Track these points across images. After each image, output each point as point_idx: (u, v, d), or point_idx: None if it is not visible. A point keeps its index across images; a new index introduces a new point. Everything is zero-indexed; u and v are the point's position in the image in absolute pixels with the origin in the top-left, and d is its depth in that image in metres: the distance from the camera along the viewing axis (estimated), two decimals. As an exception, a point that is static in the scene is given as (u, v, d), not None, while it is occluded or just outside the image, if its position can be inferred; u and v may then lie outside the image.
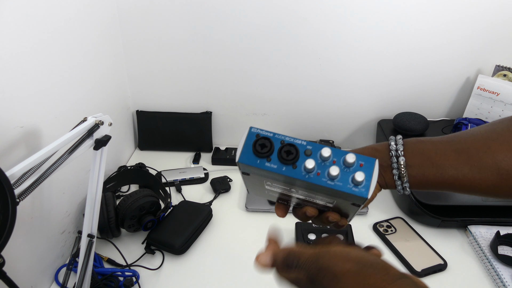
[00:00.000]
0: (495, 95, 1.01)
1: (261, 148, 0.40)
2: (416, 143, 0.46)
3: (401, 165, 0.44)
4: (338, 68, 1.08)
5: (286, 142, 0.40)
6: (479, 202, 0.85)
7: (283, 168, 0.40)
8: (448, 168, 0.43)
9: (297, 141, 0.40)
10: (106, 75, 0.98)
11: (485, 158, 0.41)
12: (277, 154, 0.40)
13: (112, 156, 1.05)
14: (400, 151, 0.45)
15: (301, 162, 0.39)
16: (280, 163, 0.40)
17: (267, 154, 0.40)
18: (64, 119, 0.75)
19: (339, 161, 0.39)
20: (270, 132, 0.41)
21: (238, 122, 1.20)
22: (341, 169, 0.39)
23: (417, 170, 0.44)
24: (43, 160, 0.49)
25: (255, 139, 0.40)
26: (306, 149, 0.40)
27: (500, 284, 0.73)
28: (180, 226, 0.84)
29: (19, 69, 0.63)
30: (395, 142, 0.46)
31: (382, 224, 0.89)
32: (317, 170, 0.39)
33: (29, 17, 0.65)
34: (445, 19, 1.00)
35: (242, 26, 1.02)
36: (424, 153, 0.44)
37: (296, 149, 0.40)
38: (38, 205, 0.69)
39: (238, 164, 0.41)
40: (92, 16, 0.87)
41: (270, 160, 0.40)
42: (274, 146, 0.40)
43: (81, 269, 0.63)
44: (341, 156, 0.39)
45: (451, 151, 0.43)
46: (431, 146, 0.44)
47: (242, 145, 0.41)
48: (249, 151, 0.40)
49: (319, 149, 0.39)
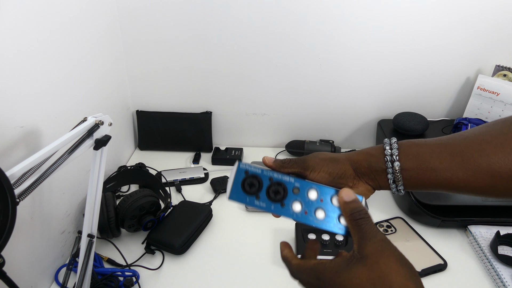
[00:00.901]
0: (495, 95, 1.01)
1: (250, 187, 0.41)
2: (411, 146, 0.46)
3: (396, 170, 0.45)
4: (338, 68, 1.08)
5: (274, 180, 0.41)
6: (479, 202, 0.85)
7: (272, 206, 0.41)
8: (443, 171, 0.43)
9: (285, 178, 0.41)
10: (106, 75, 0.98)
11: (479, 160, 0.42)
12: (266, 192, 0.41)
13: (112, 156, 1.05)
14: (395, 155, 0.45)
15: (289, 201, 0.41)
16: (268, 201, 0.41)
17: (256, 193, 0.41)
18: (64, 119, 0.75)
19: (326, 200, 0.41)
20: (258, 168, 0.42)
21: (238, 122, 1.20)
22: (327, 210, 0.40)
23: (411, 173, 0.45)
24: (43, 160, 0.49)
25: (244, 176, 0.42)
26: (294, 187, 0.41)
27: (500, 284, 0.73)
28: (180, 226, 0.84)
29: (19, 69, 0.63)
30: (390, 146, 0.46)
31: (382, 224, 0.89)
32: (305, 209, 0.41)
33: (29, 17, 0.65)
34: (445, 19, 1.00)
35: (242, 26, 1.02)
36: (419, 156, 0.45)
37: (284, 188, 0.41)
38: (38, 205, 0.69)
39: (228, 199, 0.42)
40: (92, 16, 0.87)
41: (259, 198, 0.41)
42: (263, 183, 0.41)
43: (81, 269, 0.63)
44: (328, 195, 0.41)
45: (446, 154, 0.43)
46: (426, 149, 0.45)
47: (232, 183, 0.42)
48: (238, 189, 0.42)
49: (307, 187, 0.41)
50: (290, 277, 0.42)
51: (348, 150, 1.21)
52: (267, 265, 0.80)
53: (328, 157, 0.48)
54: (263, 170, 0.41)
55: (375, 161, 0.46)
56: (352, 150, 1.21)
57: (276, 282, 0.76)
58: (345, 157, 0.48)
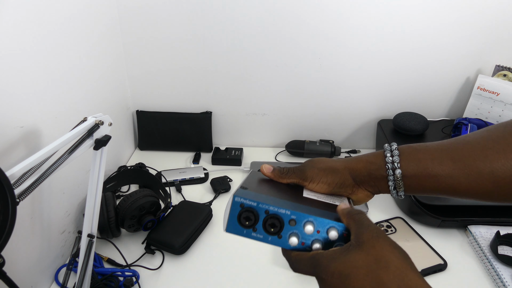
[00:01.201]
0: (495, 95, 1.01)
1: (246, 221, 0.41)
2: (412, 152, 0.46)
3: (397, 178, 0.45)
4: (338, 68, 1.08)
5: (270, 213, 0.41)
6: (479, 202, 0.85)
7: (269, 238, 0.41)
8: (445, 177, 0.43)
9: (281, 210, 0.41)
10: (106, 75, 0.98)
11: (482, 166, 0.42)
12: (262, 225, 0.41)
13: (112, 156, 1.05)
14: (397, 163, 0.45)
15: (286, 233, 0.41)
16: (265, 233, 0.41)
17: (252, 226, 0.41)
18: (64, 119, 0.75)
19: (323, 232, 0.41)
20: (254, 201, 0.41)
21: (238, 122, 1.20)
22: (323, 242, 0.40)
23: (413, 180, 0.45)
24: (43, 160, 0.49)
25: (239, 209, 0.42)
26: (290, 219, 0.41)
27: (500, 284, 0.73)
28: (180, 226, 0.84)
29: (19, 69, 0.63)
30: (391, 153, 0.46)
31: (382, 224, 0.89)
32: (302, 240, 0.41)
33: (29, 17, 0.65)
34: (445, 19, 1.00)
35: (242, 26, 1.03)
36: (420, 162, 0.45)
37: (280, 221, 0.41)
38: (38, 205, 0.69)
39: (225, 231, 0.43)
40: (92, 16, 0.87)
41: (256, 231, 0.42)
42: (259, 216, 0.41)
43: (81, 269, 0.63)
44: (325, 227, 0.40)
45: (448, 160, 0.44)
46: (427, 155, 0.45)
47: (228, 216, 0.42)
48: (234, 222, 0.42)
49: (304, 220, 0.41)
50: (290, 269, 0.43)
51: (348, 150, 1.21)
52: (267, 265, 0.80)
53: (327, 167, 0.48)
54: (258, 202, 0.41)
55: (375, 169, 0.46)
56: (352, 150, 1.21)
57: (276, 282, 0.76)
58: (343, 166, 0.48)
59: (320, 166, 0.48)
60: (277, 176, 0.50)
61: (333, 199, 0.49)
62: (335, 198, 0.49)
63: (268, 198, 0.43)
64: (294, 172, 0.49)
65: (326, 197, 0.49)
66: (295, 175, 0.49)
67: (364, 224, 0.38)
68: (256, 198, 0.42)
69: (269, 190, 0.47)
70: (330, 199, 0.48)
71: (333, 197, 0.50)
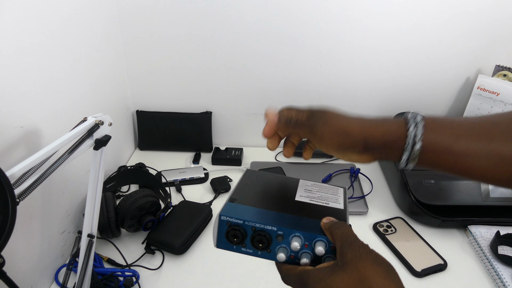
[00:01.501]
0: (495, 95, 1.01)
1: (234, 238, 0.42)
2: (437, 127, 0.43)
3: (414, 152, 0.42)
4: (338, 68, 1.08)
5: (257, 230, 0.41)
6: (479, 202, 0.85)
7: (258, 253, 0.42)
8: (464, 157, 0.41)
9: (268, 227, 0.41)
10: (106, 75, 0.98)
11: (505, 151, 0.40)
12: (250, 241, 0.42)
13: (112, 156, 1.05)
14: (419, 137, 0.42)
15: (274, 248, 0.42)
16: (254, 249, 0.42)
17: (241, 242, 0.42)
18: (64, 119, 0.75)
19: (310, 245, 0.41)
20: (240, 219, 0.42)
21: (238, 122, 1.20)
22: (312, 256, 0.41)
23: (429, 155, 0.42)
24: (43, 160, 0.49)
25: (226, 228, 0.42)
26: (277, 234, 0.41)
27: (500, 284, 0.73)
28: (180, 226, 0.84)
29: (19, 69, 0.63)
30: (415, 125, 0.42)
31: (382, 224, 0.89)
32: (291, 254, 0.42)
33: (29, 16, 0.65)
34: (445, 19, 1.00)
35: (243, 26, 1.03)
36: (443, 140, 0.42)
37: (267, 237, 0.41)
38: (38, 205, 0.69)
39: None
40: (92, 16, 0.87)
41: (245, 246, 0.42)
42: (246, 233, 0.42)
43: (81, 269, 0.63)
44: (312, 241, 0.41)
45: (472, 139, 0.41)
46: (452, 131, 0.42)
47: (216, 234, 0.43)
48: (223, 239, 0.43)
49: (291, 235, 0.41)
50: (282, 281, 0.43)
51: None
52: (266, 265, 0.79)
53: (341, 130, 0.44)
54: (244, 220, 0.41)
55: (392, 140, 0.43)
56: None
57: (276, 282, 0.76)
58: (359, 131, 0.44)
59: (334, 127, 0.44)
60: (282, 128, 0.47)
61: (327, 198, 0.48)
62: (329, 195, 0.49)
63: (255, 212, 0.43)
64: (304, 125, 0.45)
65: (321, 196, 0.49)
66: (304, 129, 0.45)
67: (347, 241, 0.38)
68: (243, 214, 0.42)
69: (260, 198, 0.47)
70: (325, 199, 0.48)
71: (328, 193, 0.49)
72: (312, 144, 0.51)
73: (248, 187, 0.50)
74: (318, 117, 0.45)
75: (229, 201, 0.45)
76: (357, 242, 0.38)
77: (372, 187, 1.02)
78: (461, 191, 0.86)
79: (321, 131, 0.44)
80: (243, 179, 0.52)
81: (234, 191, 0.48)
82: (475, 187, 0.86)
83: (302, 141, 0.53)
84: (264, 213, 0.43)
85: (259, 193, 0.49)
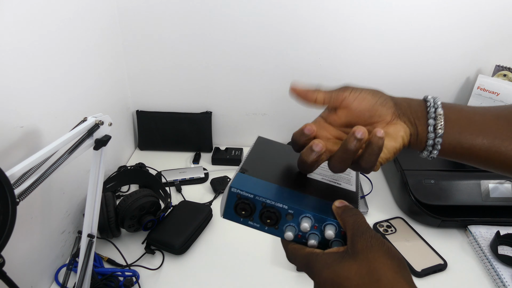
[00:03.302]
0: (495, 95, 1.01)
1: (242, 211, 0.41)
2: (452, 103, 0.44)
3: (439, 115, 0.42)
4: (338, 68, 1.08)
5: (267, 206, 0.40)
6: (479, 202, 0.85)
7: (265, 228, 0.41)
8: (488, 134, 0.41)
9: (279, 204, 0.40)
10: (106, 75, 0.98)
11: None
12: (259, 216, 0.41)
13: (112, 156, 1.05)
14: (439, 104, 0.42)
15: (283, 225, 0.41)
16: (262, 224, 0.41)
17: (248, 216, 0.41)
18: (64, 119, 0.75)
19: (320, 228, 0.40)
20: (250, 193, 0.40)
21: (238, 122, 1.20)
22: (320, 238, 0.40)
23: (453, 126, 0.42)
24: (43, 160, 0.49)
25: (236, 200, 0.41)
26: (287, 213, 0.40)
27: (500, 284, 0.73)
28: (180, 226, 0.84)
29: (19, 69, 0.63)
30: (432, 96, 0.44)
31: (382, 224, 0.89)
32: (298, 233, 0.40)
33: (29, 16, 0.65)
34: (445, 19, 1.00)
35: (242, 25, 1.02)
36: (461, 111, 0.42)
37: (277, 214, 0.40)
38: (38, 205, 0.69)
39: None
40: (92, 15, 0.87)
41: (253, 220, 0.41)
42: (255, 208, 0.41)
43: (81, 269, 0.63)
44: (322, 223, 0.40)
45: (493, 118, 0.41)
46: (471, 108, 0.42)
47: (224, 204, 0.41)
48: (231, 211, 0.41)
49: (301, 215, 0.40)
50: (290, 269, 0.42)
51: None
52: (267, 265, 0.80)
53: (371, 88, 0.45)
54: (255, 194, 0.40)
55: (416, 104, 0.44)
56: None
57: (276, 282, 0.76)
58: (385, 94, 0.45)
59: (365, 88, 0.46)
60: (310, 93, 0.47)
61: (340, 178, 0.46)
62: (342, 174, 0.47)
63: (267, 187, 0.42)
64: (333, 89, 0.46)
65: (333, 175, 0.46)
66: (333, 90, 0.46)
67: (359, 229, 0.37)
68: (254, 188, 0.41)
69: (271, 171, 0.45)
70: (337, 178, 0.46)
71: (341, 175, 0.47)
72: None
73: (260, 157, 0.48)
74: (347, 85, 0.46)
75: (240, 172, 0.43)
76: (369, 232, 0.37)
77: (372, 187, 1.02)
78: (461, 191, 0.86)
79: (349, 88, 0.46)
80: (254, 147, 0.50)
81: (245, 161, 0.46)
82: (475, 187, 0.86)
83: None
84: (275, 188, 0.42)
85: (271, 165, 0.47)
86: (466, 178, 0.88)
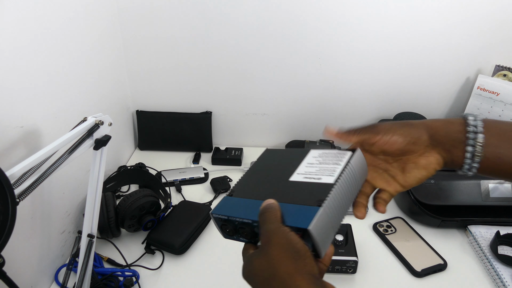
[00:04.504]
0: (495, 95, 1.01)
1: (227, 229, 0.45)
2: (495, 122, 0.43)
3: (478, 143, 0.41)
4: (338, 68, 1.08)
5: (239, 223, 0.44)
6: (479, 202, 0.85)
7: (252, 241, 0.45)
8: None
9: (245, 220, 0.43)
10: (106, 75, 0.98)
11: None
12: (240, 233, 0.44)
13: (112, 156, 1.05)
14: (480, 126, 0.41)
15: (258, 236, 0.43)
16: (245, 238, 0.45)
17: (234, 234, 0.45)
18: (64, 119, 0.75)
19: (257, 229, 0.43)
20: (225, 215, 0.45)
21: (238, 122, 1.20)
22: None
23: (493, 150, 0.41)
24: (43, 160, 0.49)
25: (220, 222, 0.45)
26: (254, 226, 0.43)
27: (500, 284, 0.73)
28: (180, 226, 0.84)
29: (19, 69, 0.63)
30: (474, 117, 0.43)
31: (382, 224, 0.89)
32: None
33: (29, 16, 0.65)
34: (445, 19, 1.00)
35: (242, 26, 1.02)
36: (504, 133, 0.41)
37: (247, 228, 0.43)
38: (38, 205, 0.69)
39: None
40: (92, 15, 0.87)
41: (239, 236, 0.45)
42: (234, 226, 0.44)
43: (81, 269, 0.63)
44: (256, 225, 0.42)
45: None
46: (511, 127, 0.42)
47: (218, 229, 0.47)
48: (222, 231, 0.47)
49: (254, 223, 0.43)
50: None
51: (348, 150, 1.21)
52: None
53: (401, 122, 0.46)
54: (229, 216, 0.44)
55: (454, 130, 0.43)
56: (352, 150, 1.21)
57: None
58: (420, 122, 0.45)
59: (396, 123, 0.45)
60: (344, 136, 0.48)
61: (324, 170, 0.46)
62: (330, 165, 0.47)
63: (244, 204, 0.45)
64: (365, 128, 0.47)
65: (319, 170, 0.46)
66: (365, 130, 0.46)
67: (263, 226, 0.39)
68: (231, 209, 0.44)
69: (257, 185, 0.48)
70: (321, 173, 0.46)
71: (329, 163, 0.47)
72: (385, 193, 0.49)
73: (255, 173, 0.52)
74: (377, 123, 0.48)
75: (228, 195, 0.48)
76: (271, 225, 0.38)
77: (372, 187, 1.02)
78: (461, 191, 0.86)
79: (383, 127, 0.45)
80: (256, 162, 0.55)
81: (239, 181, 0.50)
82: (475, 187, 0.86)
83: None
84: (251, 204, 0.44)
85: (261, 178, 0.50)
86: (466, 178, 0.88)
